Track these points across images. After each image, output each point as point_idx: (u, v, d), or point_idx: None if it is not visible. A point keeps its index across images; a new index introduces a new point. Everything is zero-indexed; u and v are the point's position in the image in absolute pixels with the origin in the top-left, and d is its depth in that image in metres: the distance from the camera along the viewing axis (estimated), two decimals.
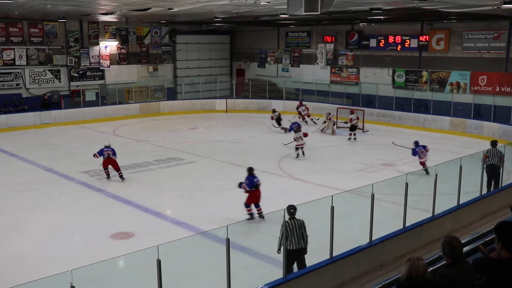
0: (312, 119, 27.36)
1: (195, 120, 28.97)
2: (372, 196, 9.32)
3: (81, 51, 30.18)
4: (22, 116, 26.33)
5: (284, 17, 23.92)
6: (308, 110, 27.84)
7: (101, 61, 30.99)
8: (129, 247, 10.40)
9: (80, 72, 30.40)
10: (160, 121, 27.51)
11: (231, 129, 26.27)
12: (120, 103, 31.05)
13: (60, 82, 29.66)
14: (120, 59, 32.06)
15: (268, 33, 35.05)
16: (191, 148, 21.09)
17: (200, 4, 18.17)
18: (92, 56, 30.74)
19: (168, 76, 34.60)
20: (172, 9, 20.23)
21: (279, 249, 8.91)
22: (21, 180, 16.64)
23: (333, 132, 25.01)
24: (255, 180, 12.86)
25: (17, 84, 28.19)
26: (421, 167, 16.54)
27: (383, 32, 29.15)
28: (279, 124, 25.51)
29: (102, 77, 31.35)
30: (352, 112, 24.22)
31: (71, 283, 5.92)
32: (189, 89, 34.05)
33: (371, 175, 16.52)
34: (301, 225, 8.96)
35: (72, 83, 30.19)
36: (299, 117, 27.62)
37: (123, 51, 32.16)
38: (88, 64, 30.61)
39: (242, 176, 17.20)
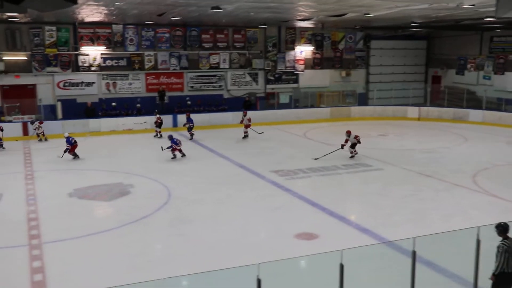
0: None
1: (385, 127, 28.40)
2: None
3: (278, 56, 31.64)
4: (222, 116, 28.51)
5: (490, 20, 22.22)
6: None
7: (296, 65, 32.12)
8: (312, 248, 10.59)
9: (276, 75, 31.88)
10: (350, 126, 27.44)
11: (423, 138, 25.17)
12: (311, 106, 31.84)
13: (257, 84, 31.48)
14: (314, 63, 32.83)
15: (469, 38, 32.85)
16: (379, 155, 20.72)
17: (398, 8, 17.80)
18: (288, 61, 32.01)
19: (360, 82, 34.49)
20: (368, 14, 20.13)
21: (495, 273, 8.22)
22: (217, 174, 17.99)
23: None
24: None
25: (220, 86, 30.62)
26: None
27: None
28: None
29: (296, 80, 32.48)
30: None
31: (257, 275, 6.22)
32: (380, 95, 33.53)
33: None
34: None
35: (268, 86, 31.82)
36: None
37: (318, 56, 32.87)
38: (284, 68, 31.96)
39: (432, 187, 16.43)
